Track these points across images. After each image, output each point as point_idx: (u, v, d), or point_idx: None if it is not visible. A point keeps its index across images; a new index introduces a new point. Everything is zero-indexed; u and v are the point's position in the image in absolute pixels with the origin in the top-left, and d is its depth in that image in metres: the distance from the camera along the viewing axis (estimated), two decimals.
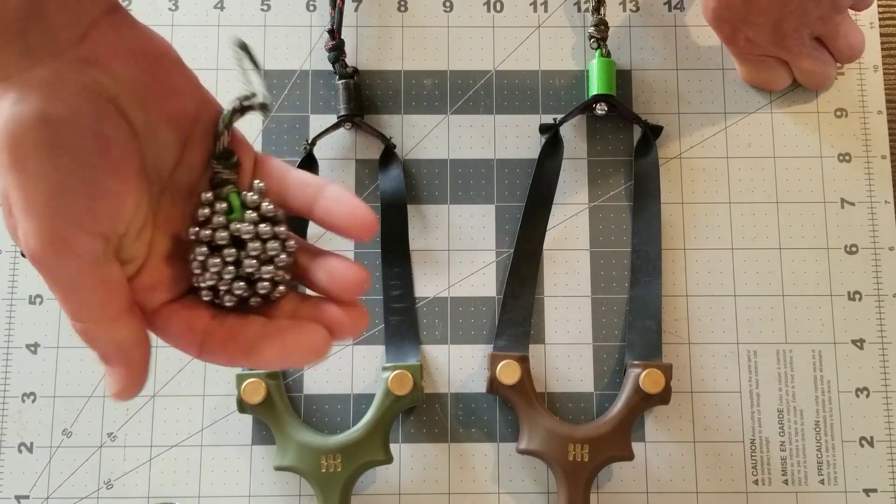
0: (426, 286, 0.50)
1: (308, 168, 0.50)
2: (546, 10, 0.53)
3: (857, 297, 0.50)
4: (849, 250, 0.50)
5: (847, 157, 0.51)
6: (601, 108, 0.50)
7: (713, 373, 0.49)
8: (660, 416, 0.48)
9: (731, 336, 0.49)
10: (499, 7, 0.53)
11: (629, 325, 0.49)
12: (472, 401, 0.49)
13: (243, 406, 0.46)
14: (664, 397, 0.46)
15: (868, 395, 0.49)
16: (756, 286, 0.50)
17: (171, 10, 0.53)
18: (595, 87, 0.50)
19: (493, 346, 0.49)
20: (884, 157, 0.51)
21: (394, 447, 0.47)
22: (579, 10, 0.54)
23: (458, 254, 0.50)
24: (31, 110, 0.25)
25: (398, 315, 0.49)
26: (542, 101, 0.52)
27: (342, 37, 0.51)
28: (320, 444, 0.45)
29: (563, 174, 0.51)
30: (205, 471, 0.48)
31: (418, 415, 0.48)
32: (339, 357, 0.49)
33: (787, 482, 0.48)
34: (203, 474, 0.48)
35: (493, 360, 0.47)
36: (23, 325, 0.49)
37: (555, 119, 0.51)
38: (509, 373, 0.46)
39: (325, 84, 0.52)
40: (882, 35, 0.53)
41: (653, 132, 0.51)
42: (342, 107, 0.50)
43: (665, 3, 0.54)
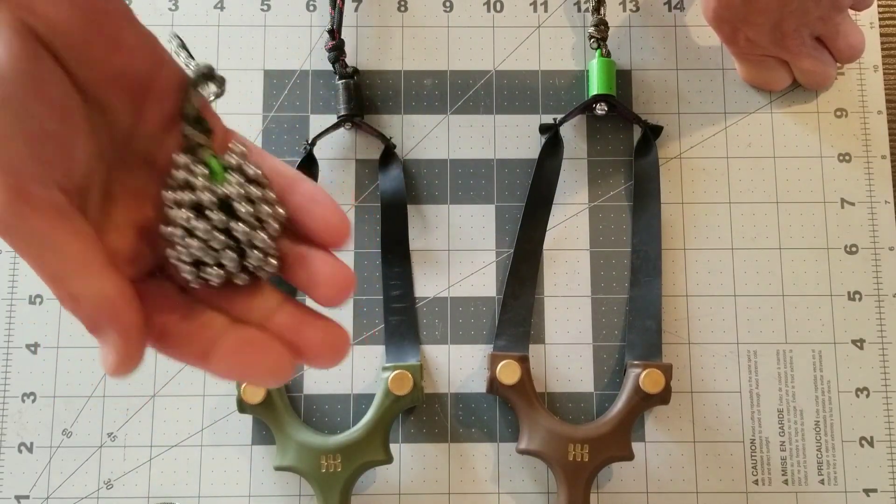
0: (426, 286, 0.50)
1: (308, 168, 0.50)
2: (546, 10, 0.53)
3: (857, 297, 0.50)
4: (849, 250, 0.50)
5: (847, 157, 0.52)
6: (601, 108, 0.50)
7: (713, 373, 0.49)
8: (660, 416, 0.48)
9: (731, 336, 0.49)
10: (499, 7, 0.53)
11: (629, 325, 0.49)
12: (472, 401, 0.49)
13: (243, 406, 0.46)
14: (664, 397, 0.46)
15: (868, 395, 0.49)
16: (756, 286, 0.50)
17: (171, 10, 0.53)
18: (595, 87, 0.50)
19: (493, 346, 0.49)
20: (884, 157, 0.51)
21: (394, 447, 0.47)
22: (579, 10, 0.54)
23: (458, 254, 0.50)
24: None
25: (398, 315, 0.49)
26: (542, 101, 0.52)
27: (342, 37, 0.51)
28: (320, 444, 0.45)
29: (563, 174, 0.51)
30: (205, 471, 0.48)
31: (418, 415, 0.48)
32: None
33: (787, 482, 0.48)
34: (203, 474, 0.48)
35: (493, 360, 0.47)
36: (23, 325, 0.49)
37: (555, 119, 0.51)
38: (509, 373, 0.46)
39: (325, 84, 0.52)
40: (882, 35, 0.53)
41: (653, 132, 0.51)
42: (342, 107, 0.50)
43: (665, 3, 0.54)
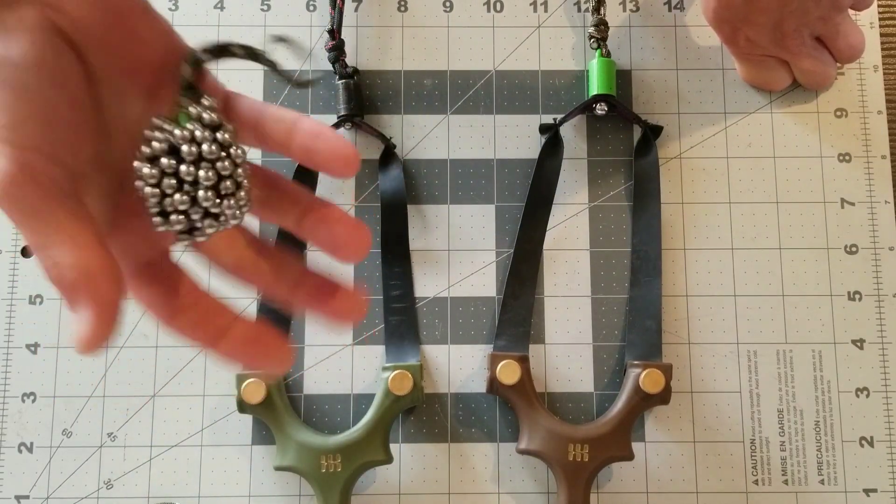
0: (426, 286, 0.50)
1: (308, 168, 0.50)
2: (546, 10, 0.53)
3: (857, 297, 0.50)
4: (849, 250, 0.50)
5: (847, 157, 0.51)
6: (601, 108, 0.50)
7: (713, 373, 0.49)
8: (660, 416, 0.48)
9: (731, 336, 0.49)
10: (499, 7, 0.53)
11: (629, 325, 0.49)
12: (472, 401, 0.49)
13: (243, 406, 0.46)
14: (664, 397, 0.46)
15: (868, 395, 0.49)
16: (756, 286, 0.50)
17: (171, 10, 0.53)
18: (595, 87, 0.50)
19: (493, 346, 0.49)
20: (884, 157, 0.51)
21: (394, 447, 0.47)
22: (579, 10, 0.54)
23: (458, 254, 0.50)
24: None
25: (398, 315, 0.49)
26: (542, 101, 0.52)
27: (342, 37, 0.51)
28: (320, 444, 0.45)
29: (563, 174, 0.51)
30: (205, 471, 0.48)
31: (418, 415, 0.48)
32: (339, 357, 0.49)
33: (787, 482, 0.48)
34: (203, 474, 0.48)
35: (493, 360, 0.47)
36: (23, 325, 0.49)
37: (555, 119, 0.51)
38: (509, 373, 0.46)
39: (325, 84, 0.52)
40: (882, 35, 0.53)
41: (653, 132, 0.51)
42: (342, 107, 0.50)
43: (665, 3, 0.54)
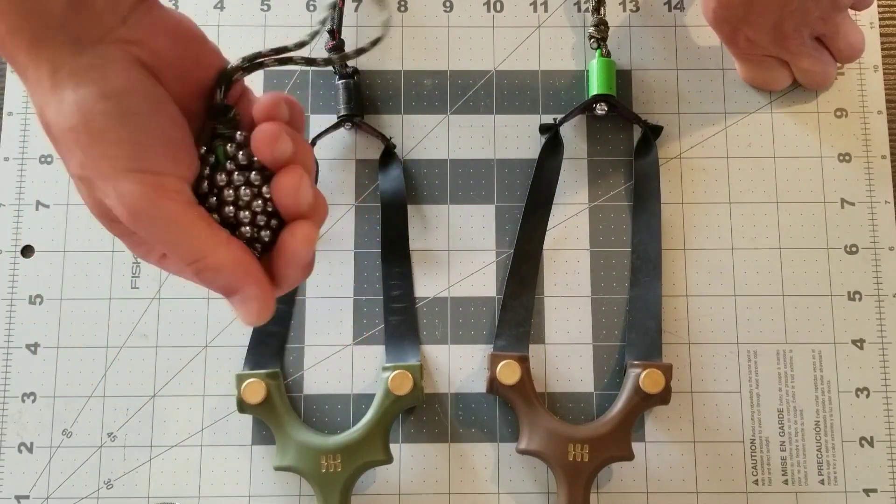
0: (426, 286, 0.50)
1: None
2: (546, 10, 0.53)
3: (857, 297, 0.50)
4: (849, 250, 0.50)
5: (847, 157, 0.51)
6: (601, 108, 0.50)
7: (713, 373, 0.49)
8: (660, 416, 0.48)
9: (731, 336, 0.49)
10: (499, 7, 0.53)
11: (629, 325, 0.49)
12: (472, 401, 0.49)
13: (243, 406, 0.46)
14: (664, 397, 0.46)
15: (868, 395, 0.49)
16: (756, 286, 0.50)
17: None
18: (595, 87, 0.50)
19: (493, 346, 0.49)
20: (884, 157, 0.51)
21: (394, 447, 0.47)
22: (579, 10, 0.54)
23: (458, 254, 0.50)
24: (92, 90, 0.28)
25: (398, 315, 0.49)
26: (542, 101, 0.52)
27: (342, 37, 0.51)
28: (320, 444, 0.45)
29: (563, 174, 0.51)
30: (205, 471, 0.48)
31: (418, 415, 0.48)
32: (339, 357, 0.49)
33: (787, 482, 0.48)
34: (203, 474, 0.48)
35: (493, 360, 0.47)
36: (23, 325, 0.49)
37: (555, 119, 0.51)
38: (509, 373, 0.46)
39: (325, 84, 0.52)
40: (882, 35, 0.53)
41: (653, 132, 0.51)
42: (342, 107, 0.50)
43: (665, 3, 0.54)
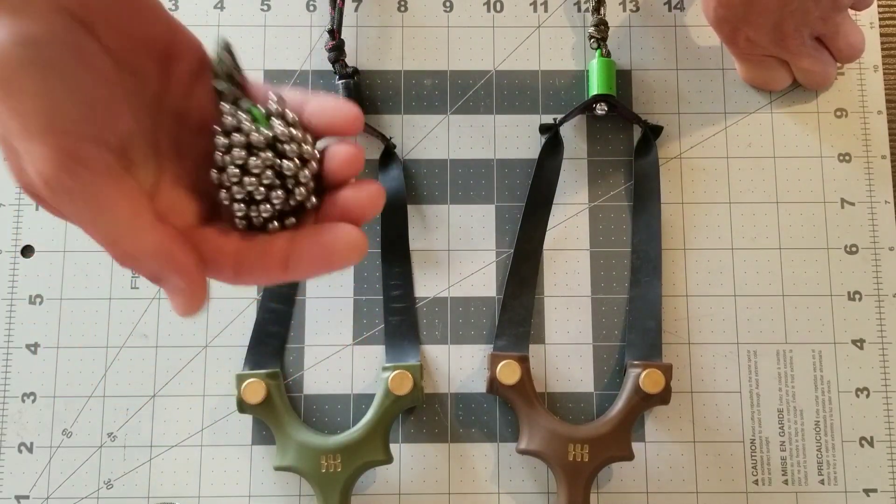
0: (426, 286, 0.50)
1: None
2: (546, 10, 0.53)
3: (857, 297, 0.50)
4: (849, 250, 0.50)
5: (847, 157, 0.51)
6: (601, 108, 0.50)
7: (713, 373, 0.49)
8: (660, 416, 0.48)
9: (731, 336, 0.49)
10: (499, 7, 0.53)
11: (629, 325, 0.49)
12: (472, 401, 0.49)
13: (243, 406, 0.46)
14: (664, 397, 0.46)
15: (868, 395, 0.49)
16: (756, 286, 0.50)
17: (171, 9, 0.52)
18: (595, 87, 0.50)
19: (493, 346, 0.49)
20: (884, 157, 0.51)
21: (394, 447, 0.47)
22: (579, 10, 0.54)
23: (458, 254, 0.50)
24: (8, 33, 0.25)
25: (398, 315, 0.49)
26: (542, 101, 0.52)
27: (342, 37, 0.51)
28: (320, 444, 0.45)
29: (563, 174, 0.51)
30: (205, 471, 0.48)
31: (418, 415, 0.48)
32: (339, 357, 0.49)
33: (787, 482, 0.48)
34: (203, 474, 0.48)
35: (493, 360, 0.47)
36: (23, 325, 0.49)
37: (555, 119, 0.51)
38: (509, 373, 0.46)
39: (325, 84, 0.52)
40: (882, 35, 0.53)
41: (653, 132, 0.51)
42: None
43: (665, 3, 0.54)
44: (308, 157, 0.30)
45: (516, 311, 0.49)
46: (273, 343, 0.49)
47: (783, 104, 0.52)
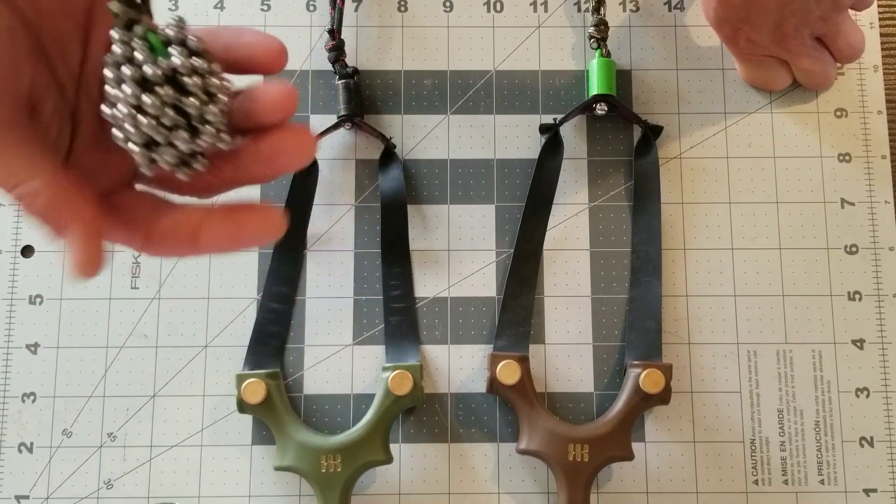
0: (426, 286, 0.50)
1: (308, 168, 0.50)
2: (546, 10, 0.53)
3: (857, 297, 0.50)
4: (849, 250, 0.50)
5: (847, 157, 0.51)
6: (601, 108, 0.50)
7: (713, 373, 0.49)
8: (660, 416, 0.48)
9: (731, 336, 0.49)
10: (499, 7, 0.53)
11: (629, 325, 0.49)
12: (472, 401, 0.49)
13: (243, 406, 0.46)
14: (664, 397, 0.46)
15: (868, 396, 0.49)
16: (756, 286, 0.50)
17: (171, 10, 0.53)
18: (595, 87, 0.50)
19: (493, 346, 0.49)
20: (884, 157, 0.51)
21: (394, 447, 0.47)
22: (579, 10, 0.54)
23: (458, 254, 0.50)
24: None
25: (398, 315, 0.49)
26: (542, 101, 0.52)
27: (342, 37, 0.51)
28: (320, 444, 0.45)
29: (563, 174, 0.51)
30: (205, 471, 0.48)
31: (418, 415, 0.48)
32: (339, 357, 0.49)
33: (787, 482, 0.48)
34: (203, 474, 0.48)
35: (493, 360, 0.47)
36: (23, 325, 0.49)
37: (555, 119, 0.51)
38: (509, 373, 0.46)
39: (325, 84, 0.52)
40: (882, 35, 0.53)
41: (653, 132, 0.51)
42: (342, 107, 0.50)
43: (665, 3, 0.54)
44: (215, 91, 0.26)
45: (516, 311, 0.49)
46: (273, 343, 0.49)
47: (783, 104, 0.52)
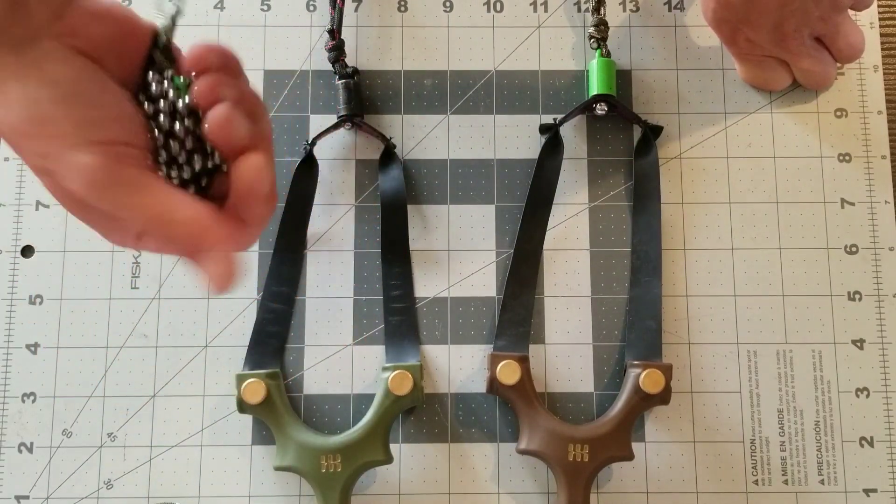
0: (426, 286, 0.50)
1: (308, 168, 0.50)
2: (546, 10, 0.53)
3: (857, 297, 0.50)
4: (849, 250, 0.50)
5: (847, 157, 0.51)
6: (601, 108, 0.50)
7: (713, 373, 0.49)
8: (660, 416, 0.48)
9: (731, 336, 0.49)
10: (499, 7, 0.53)
11: (629, 325, 0.49)
12: (472, 401, 0.49)
13: (243, 406, 0.46)
14: (664, 397, 0.46)
15: (868, 396, 0.49)
16: (756, 286, 0.50)
17: None
18: (595, 87, 0.50)
19: (493, 346, 0.49)
20: (884, 157, 0.51)
21: (394, 447, 0.47)
22: (579, 10, 0.54)
23: (458, 254, 0.50)
24: (37, 82, 0.30)
25: (398, 315, 0.49)
26: (542, 101, 0.52)
27: (342, 37, 0.51)
28: (320, 444, 0.45)
29: (563, 174, 0.51)
30: (205, 471, 0.48)
31: (418, 415, 0.48)
32: (340, 357, 0.49)
33: (787, 482, 0.48)
34: (203, 474, 0.48)
35: (493, 360, 0.47)
36: (23, 325, 0.49)
37: (555, 119, 0.51)
38: (509, 373, 0.46)
39: (325, 84, 0.52)
40: (882, 35, 0.53)
41: (653, 132, 0.51)
42: (342, 107, 0.50)
43: (665, 3, 0.54)
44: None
45: (516, 311, 0.49)
46: (273, 343, 0.49)
47: (783, 104, 0.52)
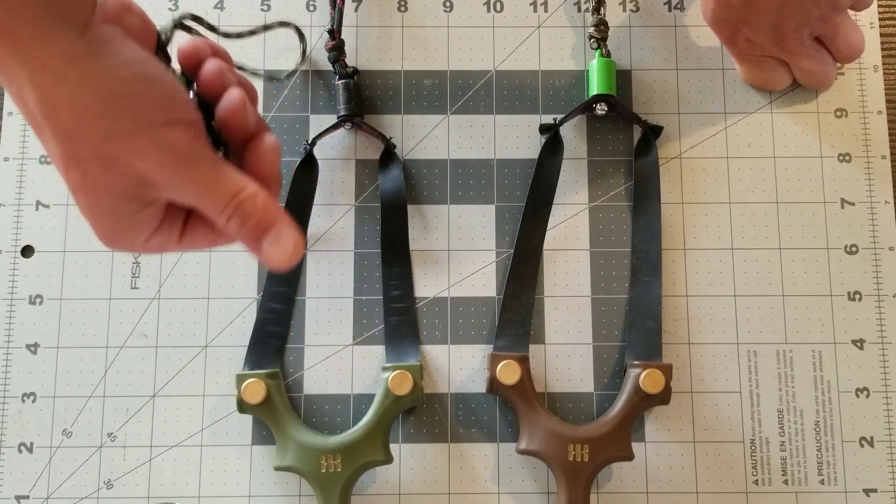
0: (426, 286, 0.50)
1: (308, 168, 0.50)
2: (546, 10, 0.53)
3: (857, 297, 0.50)
4: (849, 250, 0.50)
5: (847, 157, 0.51)
6: (601, 108, 0.50)
7: (713, 373, 0.49)
8: (660, 416, 0.48)
9: (731, 336, 0.49)
10: (499, 7, 0.53)
11: (629, 325, 0.49)
12: (472, 401, 0.49)
13: (243, 406, 0.46)
14: (664, 397, 0.46)
15: (868, 396, 0.49)
16: (756, 286, 0.50)
17: (171, 10, 0.53)
18: (595, 87, 0.50)
19: (493, 346, 0.49)
20: (884, 157, 0.51)
21: (394, 447, 0.47)
22: (579, 10, 0.54)
23: (458, 254, 0.50)
24: (115, 58, 0.30)
25: (398, 315, 0.49)
26: (542, 101, 0.52)
27: (342, 37, 0.51)
28: (320, 444, 0.45)
29: (563, 174, 0.51)
30: (205, 471, 0.48)
31: (418, 415, 0.48)
32: (340, 357, 0.49)
33: (787, 482, 0.48)
34: (203, 474, 0.48)
35: (493, 360, 0.47)
36: (23, 325, 0.49)
37: (555, 119, 0.51)
38: (509, 373, 0.46)
39: (325, 84, 0.52)
40: (882, 35, 0.53)
41: (653, 132, 0.51)
42: (342, 107, 0.50)
43: (665, 3, 0.54)
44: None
45: (516, 311, 0.49)
46: (273, 343, 0.49)
47: (783, 104, 0.52)
